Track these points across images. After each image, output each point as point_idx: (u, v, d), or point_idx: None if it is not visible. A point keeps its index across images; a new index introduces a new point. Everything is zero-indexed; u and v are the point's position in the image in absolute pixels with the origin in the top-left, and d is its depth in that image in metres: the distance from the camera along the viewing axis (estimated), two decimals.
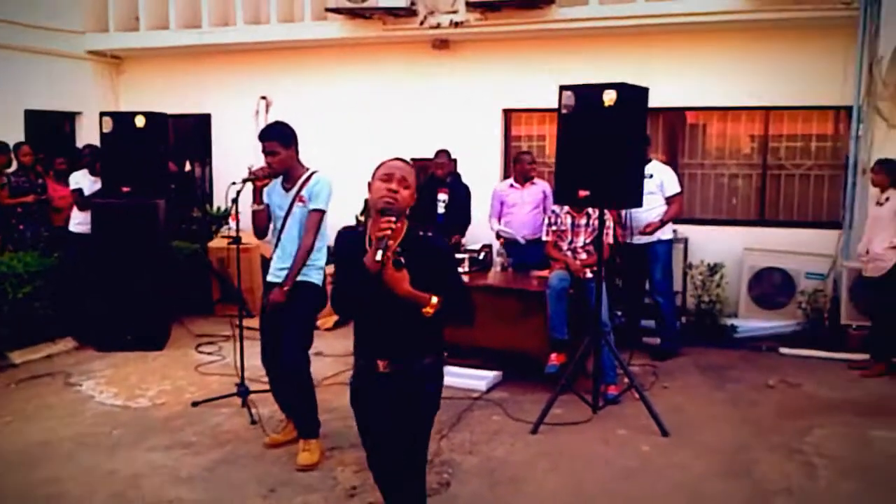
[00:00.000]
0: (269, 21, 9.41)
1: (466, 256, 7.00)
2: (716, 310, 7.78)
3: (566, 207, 6.17)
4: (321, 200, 4.75)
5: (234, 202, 5.36)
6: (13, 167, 8.18)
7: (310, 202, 4.73)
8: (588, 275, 6.04)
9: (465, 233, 7.88)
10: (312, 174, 4.79)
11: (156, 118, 7.64)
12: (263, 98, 9.88)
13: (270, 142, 4.69)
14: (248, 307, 7.79)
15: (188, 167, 10.34)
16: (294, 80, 9.70)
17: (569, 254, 6.20)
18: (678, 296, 7.75)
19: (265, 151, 4.70)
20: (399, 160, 3.13)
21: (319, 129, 9.08)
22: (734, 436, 5.26)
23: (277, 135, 4.71)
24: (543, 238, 6.40)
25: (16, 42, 9.07)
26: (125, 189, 7.43)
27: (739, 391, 6.20)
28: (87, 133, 9.67)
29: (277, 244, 4.84)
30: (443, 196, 7.73)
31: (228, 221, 9.01)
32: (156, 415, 5.68)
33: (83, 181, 7.79)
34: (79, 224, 7.77)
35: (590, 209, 6.11)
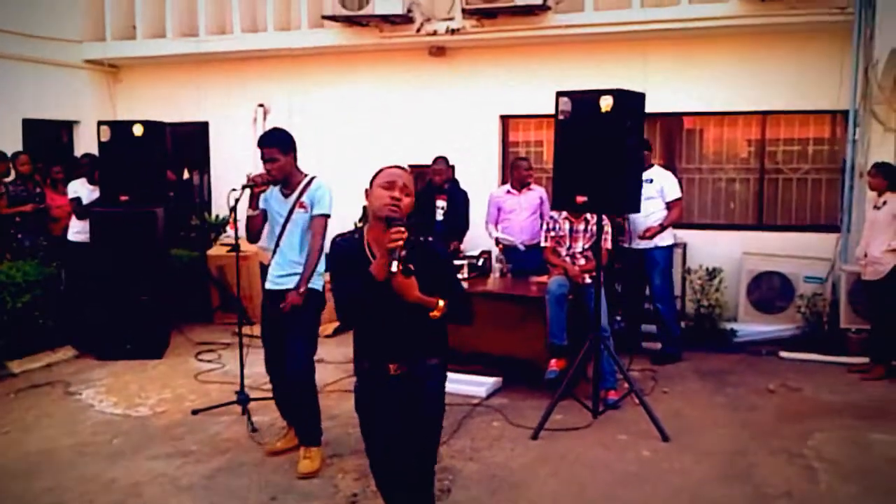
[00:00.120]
0: (267, 29, 9.42)
1: (465, 262, 6.98)
2: (715, 314, 7.78)
3: (564, 213, 6.19)
4: (325, 205, 4.76)
5: (233, 210, 5.33)
6: (11, 177, 8.18)
7: (312, 207, 4.73)
8: (587, 280, 6.06)
9: (464, 239, 7.89)
10: (312, 179, 4.80)
11: (154, 127, 7.64)
12: (261, 106, 9.87)
13: (270, 148, 4.68)
14: (248, 315, 7.77)
15: (186, 175, 10.35)
16: (291, 88, 9.71)
17: (567, 259, 6.21)
18: (677, 300, 7.75)
19: (264, 158, 4.69)
20: (398, 167, 3.16)
21: (317, 137, 9.11)
22: (734, 440, 5.26)
23: (277, 141, 4.71)
24: (542, 244, 6.41)
25: (13, 51, 9.06)
26: (123, 198, 7.45)
27: (739, 395, 6.21)
28: (85, 142, 9.66)
29: (276, 251, 4.83)
30: (441, 203, 7.74)
31: (227, 229, 9.03)
32: (156, 423, 5.68)
33: (81, 190, 7.80)
34: (77, 233, 7.78)
35: (588, 215, 6.12)
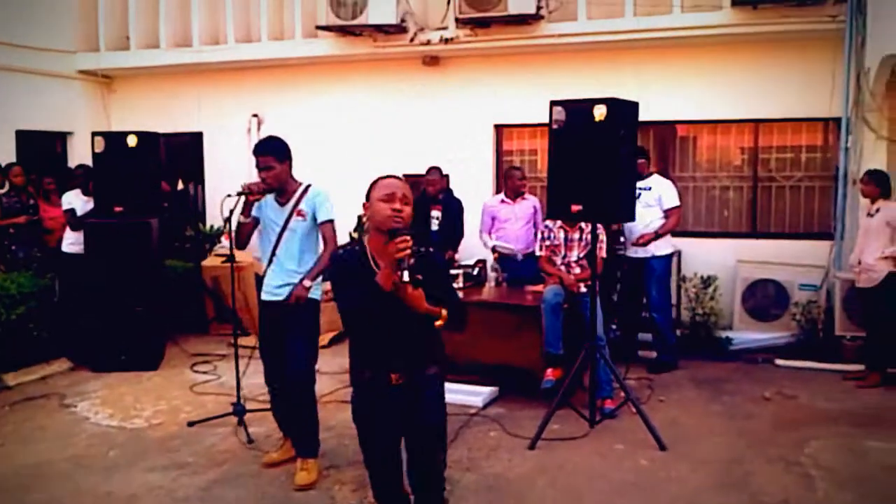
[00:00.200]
0: (260, 39, 9.43)
1: (461, 272, 6.98)
2: (710, 322, 7.81)
3: (559, 222, 6.19)
4: (329, 210, 4.78)
5: (227, 221, 5.32)
6: (5, 188, 8.16)
7: (314, 215, 4.74)
8: (582, 289, 6.06)
9: (459, 247, 7.89)
10: (308, 187, 4.79)
11: (148, 137, 7.63)
12: (255, 116, 9.89)
13: (265, 156, 4.66)
14: (243, 325, 7.77)
15: (181, 186, 10.33)
16: (285, 98, 9.72)
17: (562, 268, 6.22)
18: (672, 309, 7.74)
19: (260, 166, 4.67)
20: (393, 177, 3.18)
21: (311, 146, 9.07)
22: (731, 448, 5.26)
23: (272, 149, 4.70)
24: (537, 253, 6.41)
25: (6, 62, 9.05)
26: (118, 209, 7.43)
27: (736, 404, 6.21)
28: (79, 153, 9.66)
29: (271, 260, 4.79)
30: (436, 213, 7.75)
31: (222, 240, 9.01)
32: (152, 435, 5.66)
33: (76, 201, 7.79)
34: (71, 244, 7.77)
35: (582, 223, 6.13)
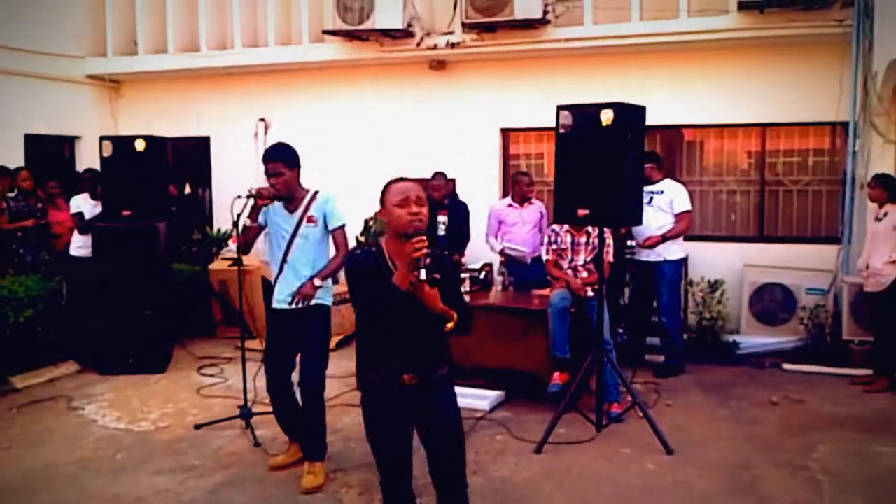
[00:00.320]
0: (268, 44, 9.46)
1: (467, 276, 6.98)
2: (717, 326, 7.78)
3: (566, 226, 6.19)
4: (341, 215, 4.83)
5: (235, 225, 5.35)
6: (13, 192, 8.18)
7: (326, 221, 4.77)
8: (589, 293, 6.06)
9: (465, 251, 7.90)
10: (316, 193, 4.81)
11: (155, 142, 7.67)
12: (262, 120, 9.91)
13: (275, 162, 4.67)
14: (250, 329, 7.77)
15: (188, 190, 10.36)
16: (292, 102, 9.74)
17: (569, 272, 6.21)
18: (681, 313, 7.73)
19: (270, 173, 4.66)
20: (404, 180, 3.19)
21: (318, 151, 9.07)
22: (738, 453, 5.25)
23: (282, 155, 4.70)
24: (543, 257, 6.41)
25: (15, 67, 9.10)
26: (126, 212, 7.46)
27: (743, 408, 6.20)
28: (87, 157, 9.70)
29: (282, 268, 4.79)
30: (442, 218, 7.75)
31: (229, 243, 9.03)
32: (159, 438, 5.67)
33: (84, 205, 7.82)
34: (79, 248, 7.79)
35: (589, 227, 6.13)
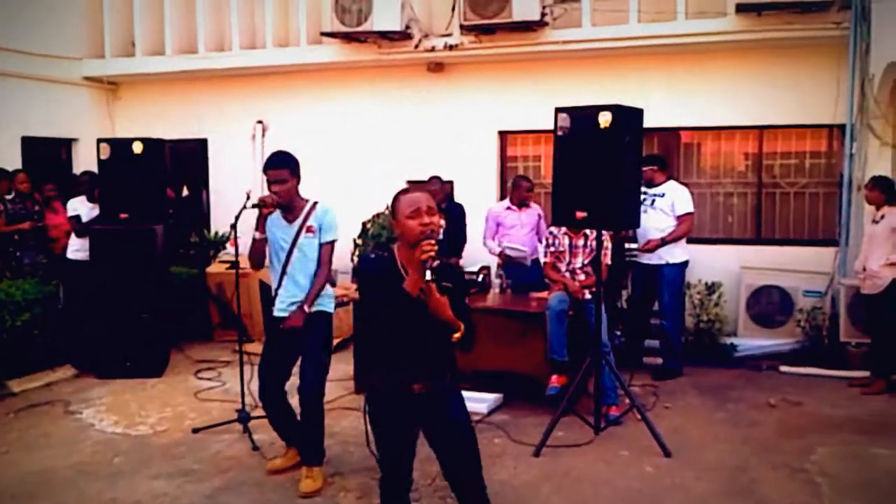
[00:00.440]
0: (265, 45, 9.46)
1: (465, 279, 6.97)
2: (715, 329, 7.79)
3: (563, 228, 6.19)
4: (335, 231, 4.78)
5: (233, 227, 5.38)
6: (10, 195, 8.16)
7: (321, 233, 4.72)
8: (587, 296, 6.06)
9: (462, 253, 7.90)
10: (315, 204, 4.78)
11: (153, 144, 7.66)
12: (260, 122, 9.91)
13: (280, 169, 4.62)
14: (248, 332, 7.77)
15: (186, 192, 10.35)
16: (290, 104, 9.73)
17: (567, 275, 6.21)
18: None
19: (273, 180, 4.62)
20: (413, 190, 3.20)
21: (316, 153, 9.06)
22: (736, 455, 5.25)
23: (286, 162, 4.66)
24: (541, 259, 6.41)
25: (12, 69, 9.08)
26: (123, 215, 7.46)
27: (740, 410, 6.20)
28: (84, 159, 9.68)
29: (282, 277, 4.76)
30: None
31: (227, 246, 9.03)
32: (156, 442, 5.66)
33: (81, 208, 7.80)
34: (77, 251, 7.78)
35: (587, 230, 6.13)
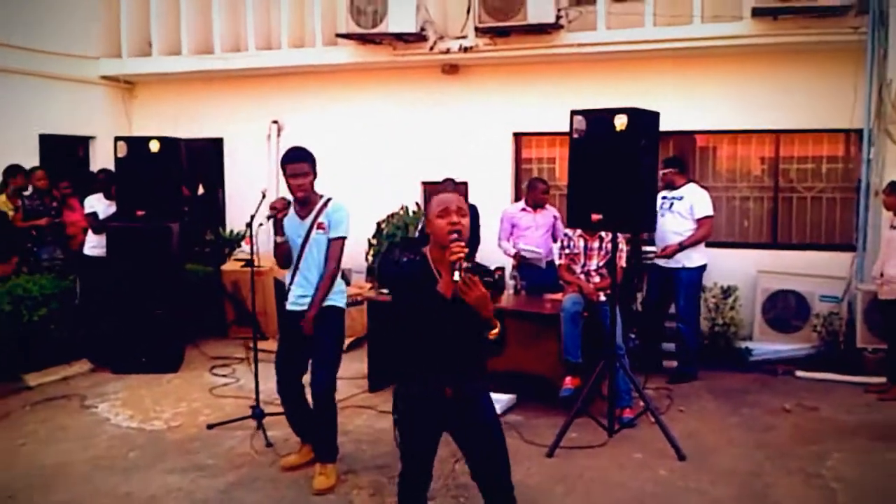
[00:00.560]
0: (281, 47, 9.49)
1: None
2: (730, 332, 7.74)
3: (579, 231, 6.18)
4: (344, 228, 4.75)
5: (248, 226, 5.42)
6: (28, 191, 8.23)
7: (331, 229, 4.71)
8: (601, 298, 6.05)
9: (476, 254, 7.89)
10: (328, 200, 4.78)
11: (170, 143, 7.71)
12: (275, 122, 9.94)
13: (301, 162, 4.62)
14: (262, 329, 7.79)
15: (201, 190, 10.39)
16: (305, 105, 9.76)
17: (582, 277, 6.21)
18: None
19: (293, 173, 4.61)
20: (446, 191, 3.22)
21: (330, 153, 9.06)
22: (751, 460, 5.22)
23: (305, 156, 4.66)
24: (556, 261, 6.39)
25: (30, 67, 9.15)
26: (139, 213, 7.50)
27: (755, 415, 6.16)
28: (101, 157, 9.76)
29: (295, 272, 4.79)
30: None
31: (242, 244, 9.07)
32: (171, 437, 5.69)
33: (98, 205, 7.87)
34: (93, 247, 7.85)
35: (602, 232, 6.12)
